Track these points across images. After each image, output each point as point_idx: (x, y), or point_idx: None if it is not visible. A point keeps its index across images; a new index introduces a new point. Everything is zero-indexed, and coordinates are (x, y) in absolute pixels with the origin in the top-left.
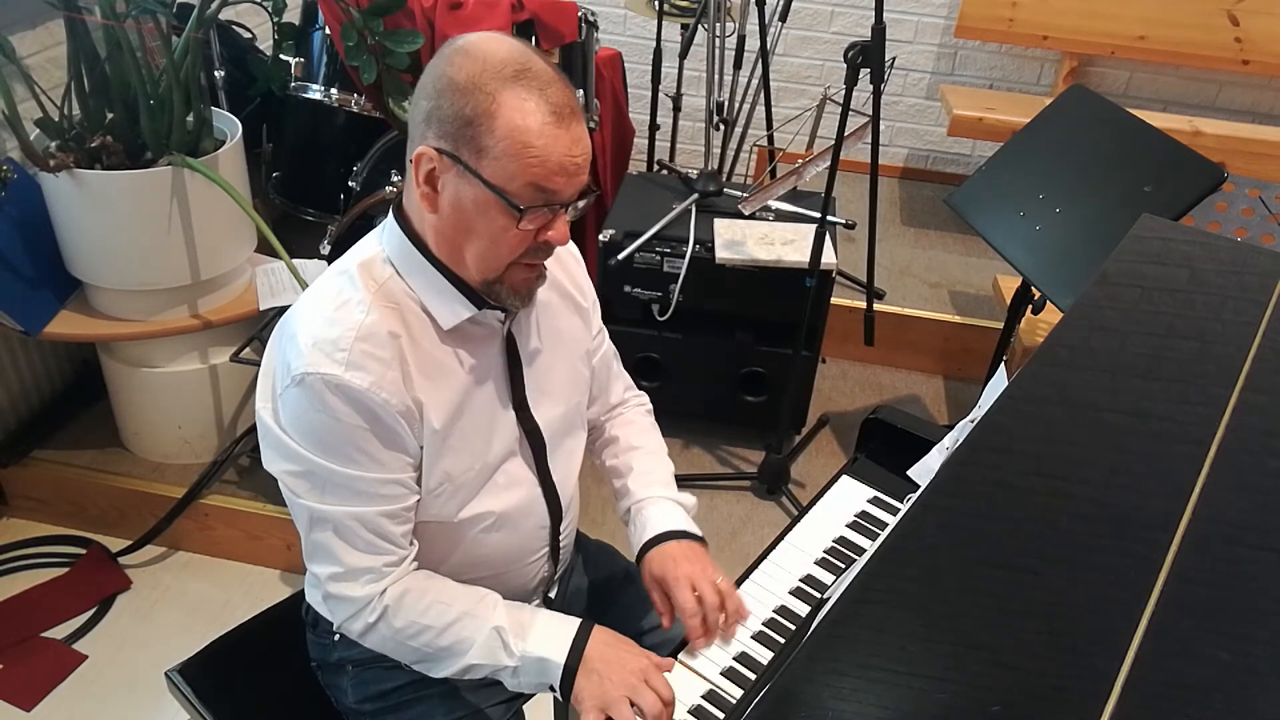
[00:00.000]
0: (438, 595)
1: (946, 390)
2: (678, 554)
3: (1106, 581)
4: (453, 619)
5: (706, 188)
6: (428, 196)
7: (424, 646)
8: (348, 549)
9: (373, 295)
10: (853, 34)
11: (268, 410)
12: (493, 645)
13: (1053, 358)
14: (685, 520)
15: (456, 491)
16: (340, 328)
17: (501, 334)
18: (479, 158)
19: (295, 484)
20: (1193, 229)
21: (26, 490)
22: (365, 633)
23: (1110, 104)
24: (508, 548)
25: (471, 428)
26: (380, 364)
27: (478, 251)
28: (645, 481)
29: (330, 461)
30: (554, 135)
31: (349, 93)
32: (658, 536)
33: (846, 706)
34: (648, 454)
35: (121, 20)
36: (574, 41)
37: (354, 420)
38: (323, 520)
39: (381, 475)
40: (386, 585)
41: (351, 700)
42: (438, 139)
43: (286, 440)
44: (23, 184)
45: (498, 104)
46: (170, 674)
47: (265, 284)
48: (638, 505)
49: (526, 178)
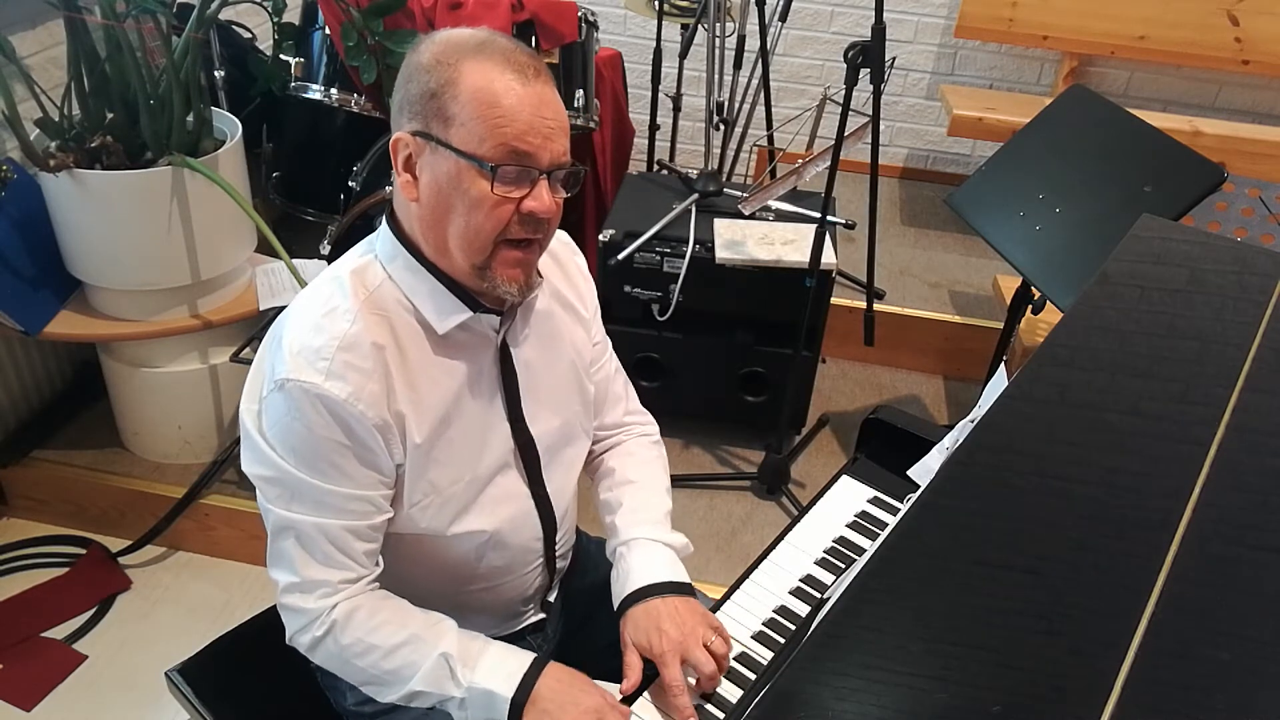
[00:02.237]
0: (390, 616)
1: (946, 390)
2: (663, 618)
3: (1106, 581)
4: (400, 641)
5: (706, 188)
6: (407, 184)
7: (369, 668)
8: (307, 560)
9: (361, 303)
10: (853, 34)
11: (251, 412)
12: (439, 673)
13: (1053, 358)
14: (671, 568)
15: (445, 504)
16: (324, 336)
17: (495, 344)
18: (447, 127)
19: (266, 489)
20: (1193, 229)
21: (26, 490)
22: (313, 647)
23: (1110, 104)
24: (501, 563)
25: (460, 439)
26: (361, 375)
27: (459, 231)
28: (633, 520)
29: (301, 470)
30: (520, 94)
31: (349, 93)
32: (638, 591)
33: (846, 706)
34: (639, 489)
35: (121, 20)
36: (574, 41)
37: (328, 432)
38: (287, 527)
39: (349, 490)
40: (339, 600)
41: (350, 702)
42: (409, 122)
43: (262, 445)
44: (23, 184)
45: (459, 72)
46: (170, 674)
47: (265, 284)
48: (623, 548)
49: (496, 139)
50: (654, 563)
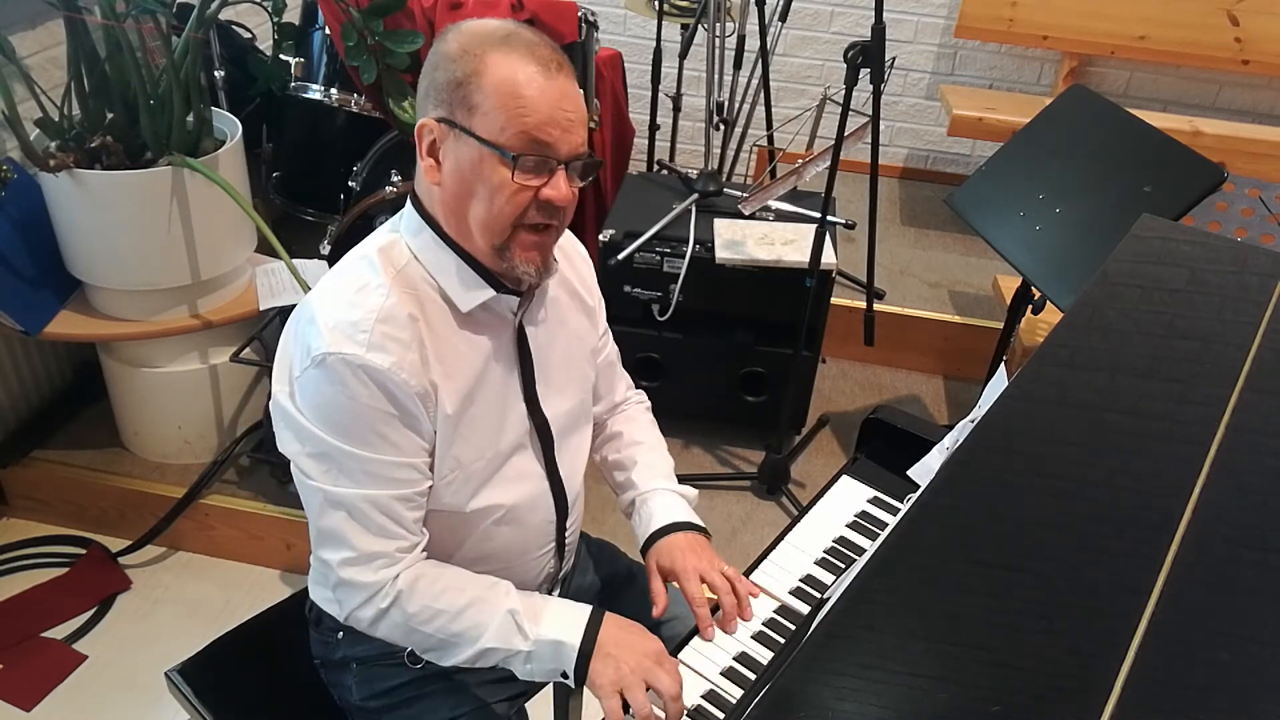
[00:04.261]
0: (451, 581)
1: (946, 390)
2: (684, 546)
3: (1107, 582)
4: (466, 603)
5: (706, 188)
6: (431, 169)
7: (437, 632)
8: (361, 532)
9: (392, 279)
10: (853, 34)
11: (284, 393)
12: (507, 629)
13: (1053, 358)
14: (688, 512)
15: (467, 480)
16: (361, 310)
17: (513, 325)
18: (470, 115)
19: (309, 466)
20: (1193, 229)
21: (26, 490)
22: (376, 620)
23: (1110, 104)
24: (515, 542)
25: (483, 416)
26: (400, 345)
27: (480, 215)
28: (648, 475)
29: (346, 443)
30: (542, 86)
31: (349, 93)
32: (664, 528)
33: (846, 706)
34: (649, 449)
35: (121, 20)
36: (574, 41)
37: (373, 401)
38: (336, 503)
39: (396, 458)
40: (399, 570)
41: (356, 698)
42: (434, 108)
43: (303, 421)
44: (23, 184)
45: (485, 63)
46: (170, 674)
47: (265, 284)
48: (641, 498)
49: (517, 128)
50: (673, 507)
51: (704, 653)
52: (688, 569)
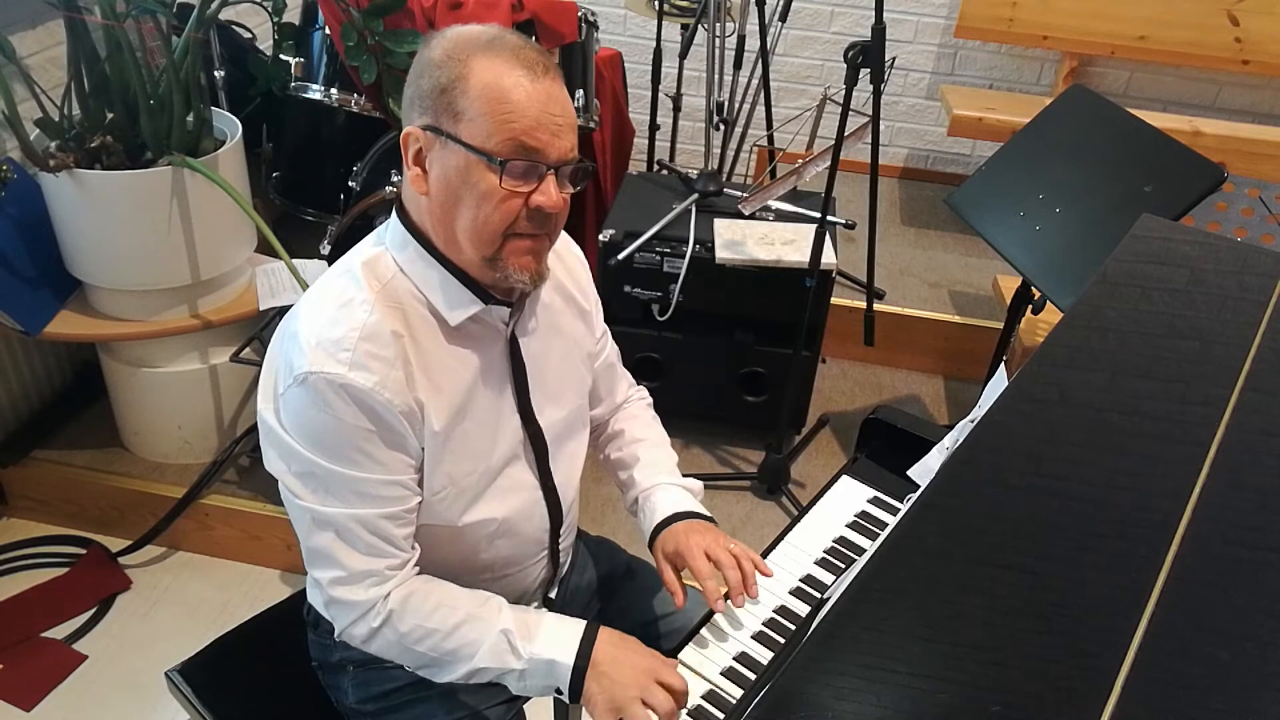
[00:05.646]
0: (442, 599)
1: (946, 390)
2: (689, 528)
3: (1106, 582)
4: (458, 621)
5: (706, 188)
6: (417, 178)
7: (430, 650)
8: (350, 552)
9: (376, 294)
10: (853, 34)
11: (269, 410)
12: (500, 648)
13: (1053, 358)
14: (693, 503)
15: (460, 495)
16: (344, 327)
17: (505, 336)
18: (456, 122)
19: (296, 485)
20: (1193, 229)
21: (26, 490)
22: (369, 638)
23: (1110, 104)
24: (509, 552)
25: (474, 430)
26: (384, 364)
27: (468, 224)
28: (651, 471)
29: (332, 463)
30: (529, 90)
31: (349, 93)
32: (668, 518)
33: (846, 706)
34: (652, 445)
35: (121, 20)
36: (574, 41)
37: (357, 421)
38: (324, 523)
39: (383, 476)
40: (390, 589)
41: (352, 700)
42: (420, 116)
43: (288, 440)
44: (23, 184)
45: (469, 68)
46: (170, 674)
47: (265, 284)
48: (645, 494)
49: (504, 134)
50: (677, 499)
51: (704, 653)
52: (692, 547)
